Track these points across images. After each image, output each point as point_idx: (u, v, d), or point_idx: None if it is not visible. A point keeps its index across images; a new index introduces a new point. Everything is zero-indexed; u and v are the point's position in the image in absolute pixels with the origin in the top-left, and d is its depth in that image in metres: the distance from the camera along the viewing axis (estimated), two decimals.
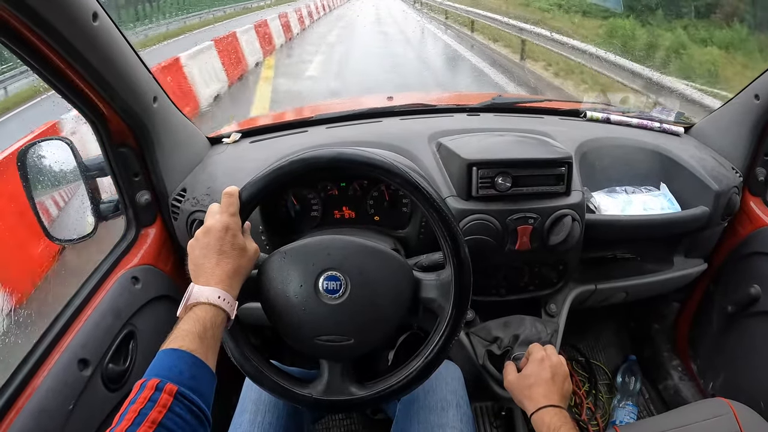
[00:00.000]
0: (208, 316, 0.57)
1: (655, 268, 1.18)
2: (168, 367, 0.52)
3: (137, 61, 0.87)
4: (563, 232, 0.93)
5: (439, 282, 0.69)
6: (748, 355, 1.19)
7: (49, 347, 0.75)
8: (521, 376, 0.80)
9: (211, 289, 0.59)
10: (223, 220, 0.64)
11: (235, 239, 0.64)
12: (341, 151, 0.66)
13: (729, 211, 1.15)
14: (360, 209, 0.99)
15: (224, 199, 0.66)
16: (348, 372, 0.71)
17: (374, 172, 0.66)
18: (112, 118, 0.87)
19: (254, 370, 0.69)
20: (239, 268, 0.63)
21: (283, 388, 0.69)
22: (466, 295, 0.67)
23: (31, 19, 0.62)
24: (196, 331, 0.55)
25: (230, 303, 0.60)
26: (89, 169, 0.93)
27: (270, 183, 0.67)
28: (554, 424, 0.69)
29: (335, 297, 0.66)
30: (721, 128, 1.23)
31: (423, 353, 0.68)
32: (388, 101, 1.36)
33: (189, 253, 0.64)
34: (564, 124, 1.22)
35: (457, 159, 0.93)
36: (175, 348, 0.54)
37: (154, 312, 0.93)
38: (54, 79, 0.75)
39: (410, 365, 0.69)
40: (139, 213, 0.97)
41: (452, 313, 0.67)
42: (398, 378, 0.68)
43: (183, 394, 0.50)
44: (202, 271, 0.61)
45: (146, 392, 0.49)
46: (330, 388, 0.70)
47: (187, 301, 0.58)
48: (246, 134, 1.14)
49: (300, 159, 0.66)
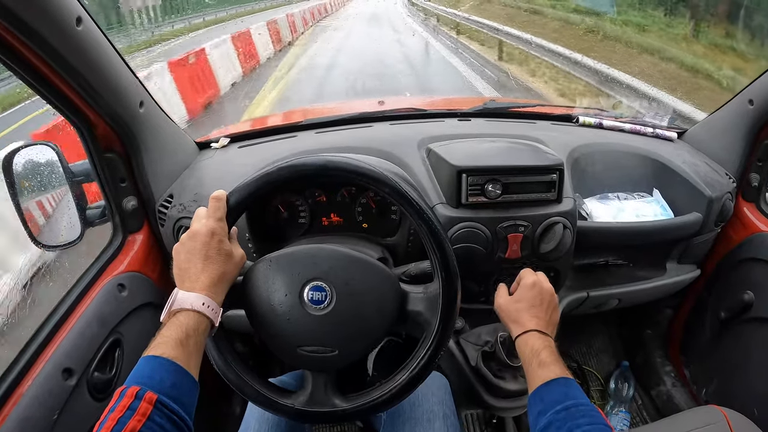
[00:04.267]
0: (191, 322, 0.57)
1: (648, 274, 1.18)
2: (148, 374, 0.51)
3: (123, 65, 0.86)
4: (554, 240, 0.92)
5: (427, 295, 0.68)
6: (741, 362, 1.18)
7: (34, 356, 0.74)
8: (511, 299, 0.78)
9: (195, 296, 0.58)
10: (209, 225, 0.63)
11: (221, 245, 0.63)
12: (330, 159, 0.66)
13: (723, 217, 1.14)
14: (348, 216, 0.98)
15: (211, 203, 0.65)
16: (331, 383, 0.70)
17: (362, 180, 0.66)
18: (98, 124, 0.86)
19: (237, 379, 0.68)
20: (225, 274, 0.62)
21: (265, 397, 0.69)
22: (453, 309, 0.66)
23: (12, 24, 0.61)
24: (178, 338, 0.55)
25: (214, 310, 0.59)
26: (75, 174, 0.92)
27: (258, 188, 0.66)
28: (536, 347, 0.68)
29: (320, 308, 0.65)
30: (714, 133, 1.22)
31: (408, 366, 0.67)
32: (379, 105, 1.34)
33: (174, 257, 0.63)
34: (556, 129, 1.22)
35: (447, 165, 0.92)
36: (156, 355, 0.53)
37: (140, 319, 0.92)
38: (38, 84, 0.73)
39: (395, 378, 0.68)
40: (125, 219, 0.96)
41: (439, 327, 0.66)
42: (382, 391, 0.68)
43: (163, 403, 0.49)
44: (186, 275, 0.61)
45: (125, 400, 0.48)
46: (312, 399, 0.69)
47: (170, 307, 0.58)
48: (234, 139, 1.13)
49: (288, 165, 0.66)
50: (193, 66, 5.56)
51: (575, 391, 0.62)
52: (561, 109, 1.35)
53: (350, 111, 1.23)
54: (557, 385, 0.62)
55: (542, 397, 0.62)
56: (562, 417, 0.58)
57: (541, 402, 0.62)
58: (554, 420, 0.58)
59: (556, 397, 0.61)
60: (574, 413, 0.58)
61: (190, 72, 5.45)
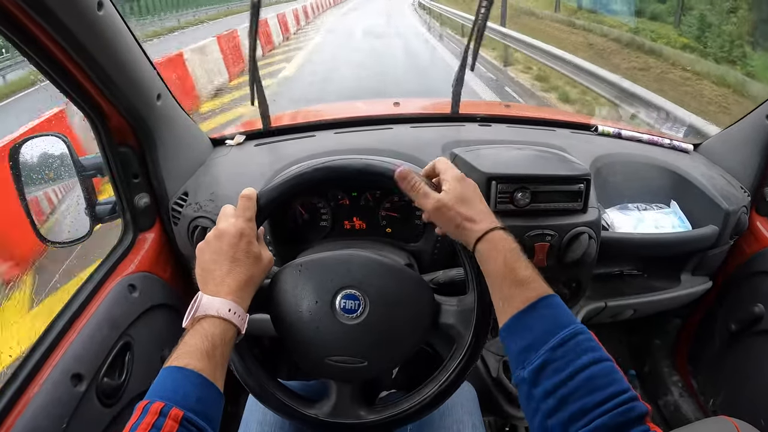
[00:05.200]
0: (217, 331, 0.53)
1: (663, 285, 1.18)
2: (173, 388, 0.48)
3: (142, 55, 0.82)
4: (580, 250, 0.91)
5: (461, 308, 0.65)
6: (750, 374, 1.19)
7: (41, 361, 0.70)
8: (450, 198, 0.59)
9: (221, 301, 0.55)
10: (238, 225, 0.59)
11: (250, 246, 0.60)
12: (370, 162, 0.63)
13: (738, 230, 1.14)
14: (371, 220, 0.95)
15: (241, 202, 0.62)
16: (357, 394, 0.67)
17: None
18: (113, 116, 0.82)
19: (259, 388, 0.66)
20: (252, 277, 0.59)
21: (288, 407, 0.66)
22: (486, 323, 0.64)
23: (30, 5, 0.57)
24: (204, 348, 0.51)
25: (241, 317, 0.56)
26: (86, 168, 0.88)
27: (291, 189, 0.63)
28: (509, 256, 0.55)
29: (352, 317, 0.63)
30: (730, 147, 1.22)
31: (438, 379, 0.65)
32: (395, 107, 1.32)
33: (198, 257, 0.60)
34: (576, 137, 1.21)
35: (476, 172, 0.91)
36: (180, 366, 0.50)
37: (151, 322, 0.89)
38: (52, 70, 0.70)
39: (423, 391, 0.65)
40: (137, 217, 0.92)
41: (472, 341, 0.64)
42: (410, 403, 0.65)
43: (189, 420, 0.46)
44: (211, 278, 0.57)
45: (149, 417, 0.45)
46: (337, 409, 0.67)
47: (194, 313, 0.54)
48: (250, 136, 1.10)
49: (325, 166, 0.63)
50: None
51: (565, 314, 0.51)
52: (579, 117, 1.34)
53: (366, 111, 1.20)
54: (545, 308, 0.51)
55: (529, 326, 0.51)
56: (560, 354, 0.48)
57: (530, 333, 0.51)
58: (550, 359, 0.48)
59: (546, 327, 0.50)
60: (573, 348, 0.48)
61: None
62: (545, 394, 0.48)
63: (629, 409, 0.44)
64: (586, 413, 0.45)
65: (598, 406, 0.45)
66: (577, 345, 0.48)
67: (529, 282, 0.53)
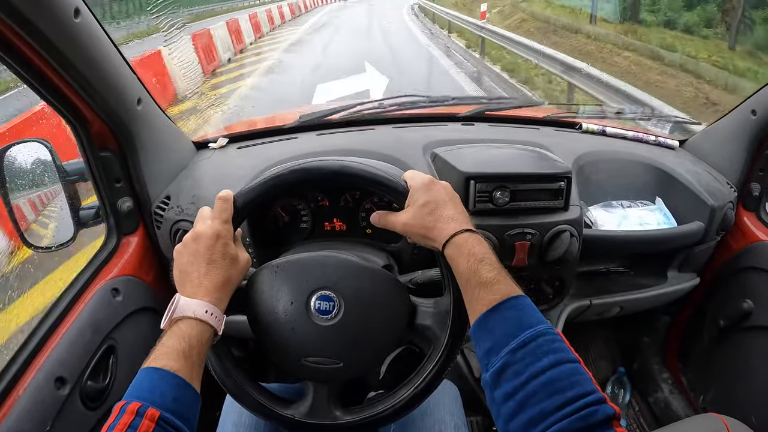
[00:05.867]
0: (194, 332, 0.54)
1: (650, 282, 1.18)
2: (149, 388, 0.49)
3: (121, 60, 0.83)
4: (561, 248, 0.91)
5: (437, 310, 0.65)
6: (739, 370, 1.19)
7: (24, 365, 0.71)
8: (416, 206, 0.60)
9: (198, 303, 0.55)
10: (214, 227, 0.60)
11: (227, 248, 0.60)
12: (346, 164, 0.63)
13: (724, 226, 1.14)
14: (351, 221, 0.96)
15: (218, 204, 0.62)
16: (334, 395, 0.68)
17: (379, 189, 0.64)
18: (94, 121, 0.83)
19: (235, 388, 0.66)
20: (229, 279, 0.60)
21: (265, 407, 0.66)
22: (463, 325, 0.64)
23: (7, 13, 0.58)
24: (181, 349, 0.52)
25: (218, 318, 0.57)
26: (69, 173, 0.89)
27: (267, 190, 0.64)
28: (472, 261, 0.54)
29: (327, 318, 0.63)
30: (716, 142, 1.22)
31: (413, 382, 0.65)
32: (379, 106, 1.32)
33: (175, 259, 0.60)
34: (560, 135, 1.21)
35: (454, 172, 0.91)
36: (157, 367, 0.50)
37: (135, 325, 0.89)
38: (31, 77, 0.70)
39: (399, 393, 0.66)
40: (120, 221, 0.92)
41: (448, 342, 0.63)
42: (385, 405, 0.65)
43: (166, 420, 0.47)
44: (188, 279, 0.58)
45: (126, 417, 0.46)
46: (314, 410, 0.67)
47: (172, 314, 0.55)
48: (233, 139, 1.10)
49: (301, 168, 0.63)
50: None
51: (530, 315, 0.51)
52: (564, 114, 1.34)
53: (349, 111, 1.20)
54: (508, 310, 0.51)
55: (491, 329, 0.51)
56: (520, 357, 0.47)
57: (491, 336, 0.50)
58: (510, 362, 0.47)
59: (508, 329, 0.49)
60: (534, 350, 0.47)
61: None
62: (505, 397, 0.47)
63: (591, 413, 0.43)
64: (545, 417, 0.44)
65: (558, 409, 0.44)
66: (538, 347, 0.48)
67: (493, 283, 0.52)
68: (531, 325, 0.50)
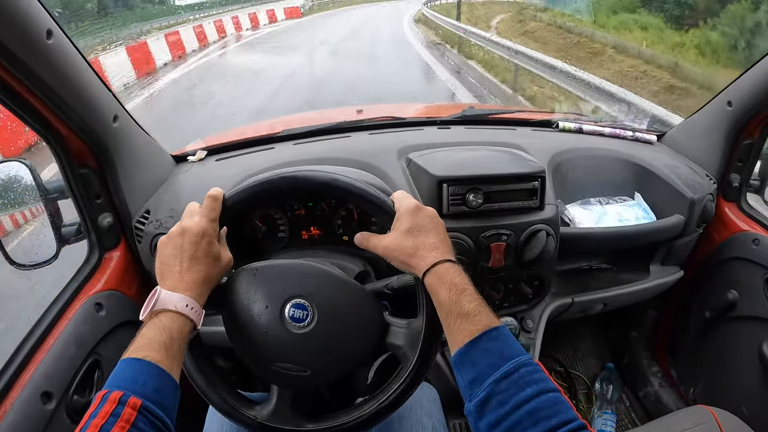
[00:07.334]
0: (175, 325, 0.55)
1: (632, 277, 1.18)
2: (131, 378, 0.50)
3: (95, 79, 0.84)
4: (537, 247, 0.92)
5: (409, 330, 0.66)
6: (727, 360, 1.19)
7: (11, 381, 0.72)
8: (399, 231, 0.61)
9: (179, 296, 0.57)
10: (201, 224, 0.61)
11: (211, 246, 0.61)
12: (335, 177, 0.64)
13: (704, 218, 1.15)
14: (328, 229, 0.96)
15: (207, 201, 0.63)
16: (298, 401, 0.68)
17: (365, 205, 0.65)
18: (71, 138, 0.84)
19: (204, 384, 0.67)
20: (209, 276, 0.61)
21: (228, 405, 0.67)
22: (433, 348, 0.64)
23: None
24: (162, 341, 0.53)
25: (197, 312, 0.58)
26: (49, 191, 0.90)
27: (257, 194, 0.65)
28: (460, 284, 0.56)
29: (300, 326, 0.64)
30: (694, 135, 1.23)
31: (378, 398, 0.65)
32: (358, 114, 1.33)
33: (159, 250, 0.61)
34: (536, 135, 1.22)
35: (427, 176, 0.92)
36: (138, 358, 0.51)
37: (119, 339, 0.90)
38: (7, 98, 0.71)
39: (362, 407, 0.66)
40: (101, 236, 0.93)
41: (416, 363, 0.64)
42: (348, 417, 0.66)
43: (147, 408, 0.48)
44: (169, 273, 0.59)
45: (108, 405, 0.47)
46: (276, 414, 0.67)
47: (152, 306, 0.56)
48: (212, 152, 1.11)
49: (290, 176, 0.64)
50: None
51: (510, 346, 0.52)
52: (541, 115, 1.35)
53: (329, 120, 1.22)
54: (489, 341, 0.52)
55: (473, 360, 0.52)
56: (504, 388, 0.49)
57: (474, 367, 0.51)
58: (494, 392, 0.49)
59: (491, 360, 0.51)
60: (516, 381, 0.49)
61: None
62: (490, 426, 0.48)
63: None
64: None
65: None
66: (520, 378, 0.49)
67: (474, 314, 0.53)
68: (512, 356, 0.51)
